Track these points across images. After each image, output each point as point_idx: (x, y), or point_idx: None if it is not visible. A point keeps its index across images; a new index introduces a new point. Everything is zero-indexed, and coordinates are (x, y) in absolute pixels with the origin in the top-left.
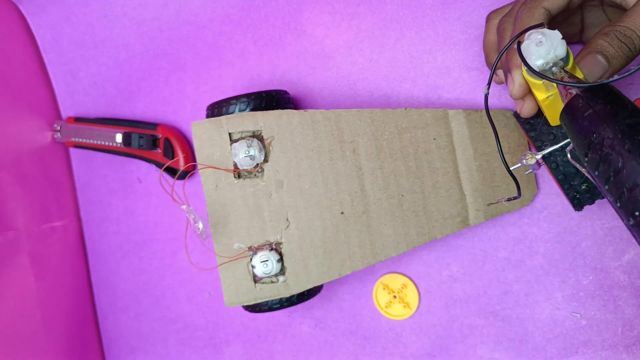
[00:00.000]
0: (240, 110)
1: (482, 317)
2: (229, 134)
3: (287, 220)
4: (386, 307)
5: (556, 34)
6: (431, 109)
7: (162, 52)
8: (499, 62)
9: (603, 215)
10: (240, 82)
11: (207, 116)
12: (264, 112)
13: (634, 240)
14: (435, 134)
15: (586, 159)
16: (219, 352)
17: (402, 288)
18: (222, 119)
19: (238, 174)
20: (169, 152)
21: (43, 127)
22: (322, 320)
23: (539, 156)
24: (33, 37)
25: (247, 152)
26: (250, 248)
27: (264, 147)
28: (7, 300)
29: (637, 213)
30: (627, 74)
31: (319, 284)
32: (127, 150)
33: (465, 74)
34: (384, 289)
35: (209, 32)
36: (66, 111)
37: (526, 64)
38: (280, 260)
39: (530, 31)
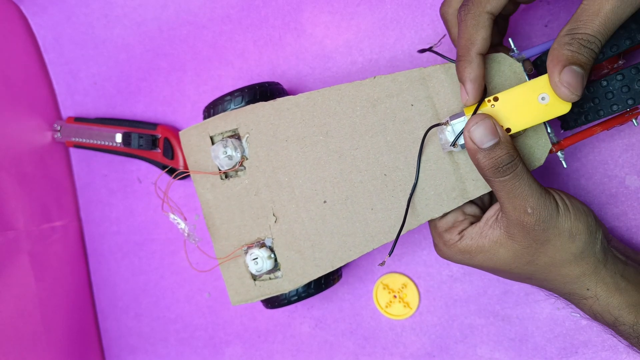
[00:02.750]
0: (236, 106)
1: (482, 317)
2: (211, 137)
3: (273, 215)
4: (386, 307)
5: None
6: (405, 71)
7: (162, 52)
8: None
9: (604, 216)
10: (240, 82)
11: (204, 118)
12: (238, 109)
13: (634, 241)
14: (413, 99)
15: None
16: (219, 352)
17: (402, 288)
18: (204, 123)
19: (225, 174)
20: (169, 152)
21: (43, 127)
22: (322, 320)
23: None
24: (34, 37)
25: (224, 153)
26: (242, 247)
27: (241, 144)
28: (7, 300)
29: None
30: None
31: (315, 277)
32: (127, 150)
33: None
34: (384, 288)
35: (209, 32)
36: (66, 111)
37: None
38: (274, 256)
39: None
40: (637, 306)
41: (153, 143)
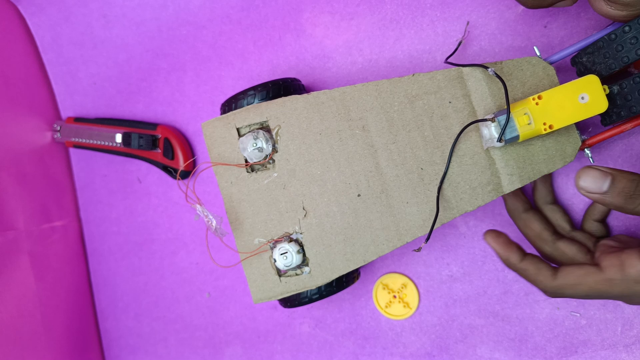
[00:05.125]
0: (260, 101)
1: (482, 317)
2: (237, 129)
3: (303, 209)
4: (386, 307)
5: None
6: (443, 70)
7: (161, 52)
8: None
9: None
10: (240, 82)
11: (222, 113)
12: (268, 102)
13: None
14: (451, 97)
15: None
16: (219, 352)
17: (402, 288)
18: (229, 115)
19: (251, 167)
20: (169, 152)
21: (43, 127)
22: (322, 320)
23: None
24: (32, 37)
25: (254, 145)
26: (269, 241)
27: (272, 137)
28: (7, 300)
29: None
30: None
31: (345, 272)
32: (127, 150)
33: None
34: (384, 288)
35: (209, 32)
36: (66, 111)
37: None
38: (302, 251)
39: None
40: None
41: (153, 143)
